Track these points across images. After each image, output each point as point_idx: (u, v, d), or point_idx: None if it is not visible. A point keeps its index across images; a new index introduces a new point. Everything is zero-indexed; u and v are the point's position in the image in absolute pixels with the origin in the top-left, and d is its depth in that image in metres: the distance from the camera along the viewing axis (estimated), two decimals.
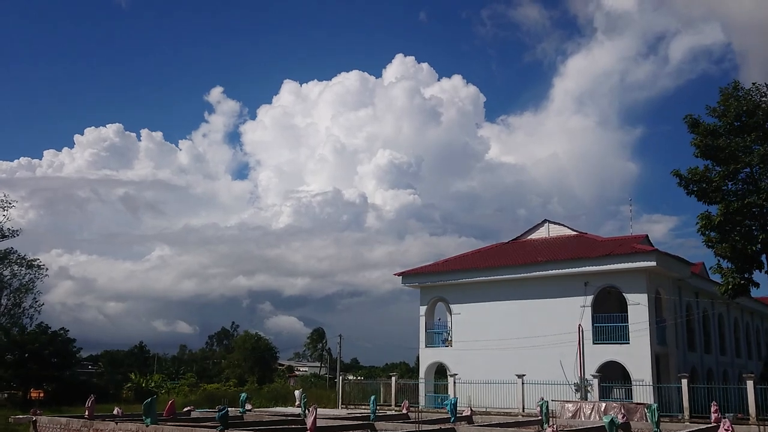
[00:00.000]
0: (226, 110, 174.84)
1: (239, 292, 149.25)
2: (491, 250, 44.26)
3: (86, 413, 25.80)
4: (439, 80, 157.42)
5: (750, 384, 29.87)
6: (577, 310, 35.87)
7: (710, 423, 24.60)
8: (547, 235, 42.55)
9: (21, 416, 29.11)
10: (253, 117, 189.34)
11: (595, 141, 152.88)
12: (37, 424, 26.84)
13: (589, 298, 35.90)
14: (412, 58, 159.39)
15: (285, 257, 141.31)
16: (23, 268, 61.91)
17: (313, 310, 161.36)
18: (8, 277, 61.29)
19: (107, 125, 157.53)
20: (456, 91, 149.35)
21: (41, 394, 54.53)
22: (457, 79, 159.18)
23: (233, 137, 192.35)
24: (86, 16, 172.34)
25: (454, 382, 37.37)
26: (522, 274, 37.96)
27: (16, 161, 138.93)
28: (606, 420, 19.19)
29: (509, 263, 39.03)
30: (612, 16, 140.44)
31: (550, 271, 36.91)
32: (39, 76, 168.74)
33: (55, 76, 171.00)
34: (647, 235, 40.28)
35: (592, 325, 35.55)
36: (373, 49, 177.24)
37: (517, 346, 36.08)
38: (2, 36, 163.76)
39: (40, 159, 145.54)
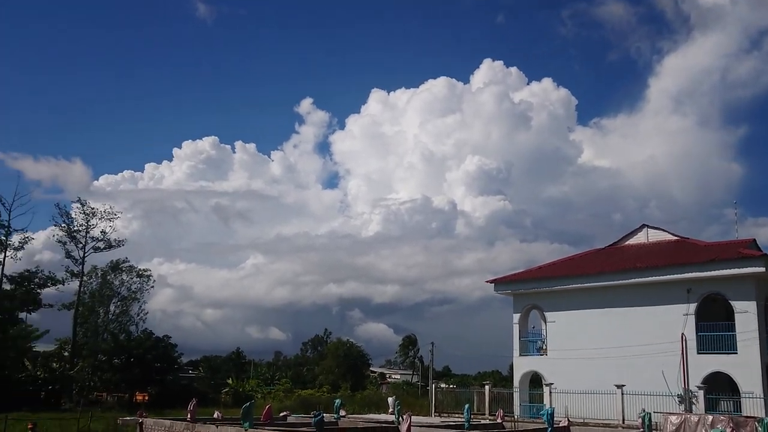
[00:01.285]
0: (316, 121, 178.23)
1: (330, 300, 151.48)
2: (587, 256, 43.08)
3: (188, 416, 26.69)
4: (528, 84, 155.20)
5: None
6: (680, 318, 34.35)
7: None
8: (645, 241, 41.02)
9: (128, 418, 30.46)
10: (342, 127, 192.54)
11: (696, 142, 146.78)
12: (143, 426, 27.99)
13: (693, 306, 34.33)
14: (501, 62, 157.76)
15: (374, 265, 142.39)
16: (133, 277, 64.87)
17: (402, 317, 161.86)
18: (118, 285, 64.34)
19: (203, 138, 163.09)
20: (546, 95, 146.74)
21: (146, 397, 56.94)
22: (547, 83, 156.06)
23: (323, 147, 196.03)
24: (176, 36, 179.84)
25: (550, 392, 36.48)
26: (620, 281, 36.69)
27: (120, 174, 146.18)
28: None
29: (607, 270, 37.83)
30: (705, 11, 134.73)
31: (651, 278, 35.54)
32: (140, 94, 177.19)
33: (153, 93, 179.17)
34: (755, 239, 38.25)
35: (696, 333, 33.96)
36: (460, 54, 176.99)
37: (615, 356, 34.89)
38: (107, 56, 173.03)
39: (142, 172, 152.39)
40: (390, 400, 39.19)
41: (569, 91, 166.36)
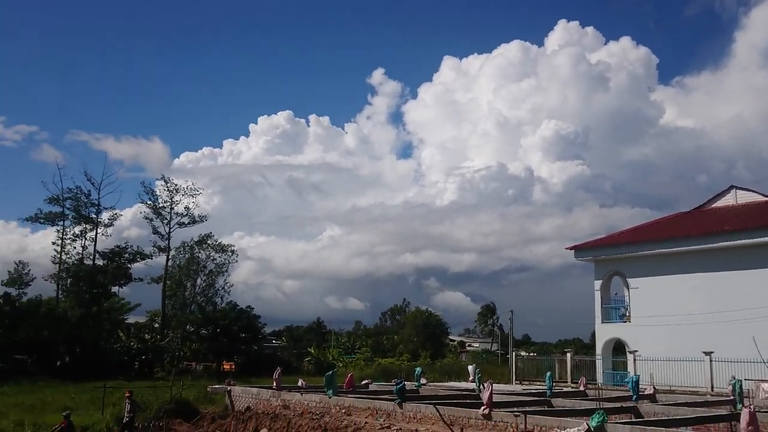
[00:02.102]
0: (388, 91, 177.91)
1: (406, 269, 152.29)
2: (672, 220, 41.73)
3: (274, 384, 27.51)
4: (606, 44, 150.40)
5: None
6: None
7: None
8: (734, 203, 39.37)
9: (217, 386, 31.61)
10: (415, 96, 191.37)
11: None
12: (232, 394, 29.02)
13: None
14: (576, 23, 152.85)
15: (450, 234, 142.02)
16: (217, 251, 66.90)
17: (479, 285, 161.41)
18: (204, 259, 66.52)
19: (278, 113, 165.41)
20: (625, 55, 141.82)
21: (233, 366, 58.95)
22: (625, 42, 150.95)
23: (396, 117, 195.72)
24: (249, 13, 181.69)
25: (634, 359, 35.76)
26: (708, 245, 35.42)
27: (199, 151, 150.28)
28: None
29: (693, 233, 36.54)
30: None
31: (740, 241, 34.15)
32: (217, 72, 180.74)
33: (228, 70, 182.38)
34: None
35: None
36: (533, 17, 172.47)
37: (702, 322, 33.87)
38: (186, 37, 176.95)
39: (221, 148, 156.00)
40: (470, 368, 39.27)
41: (649, 50, 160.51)
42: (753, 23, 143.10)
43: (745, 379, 26.57)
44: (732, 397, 22.91)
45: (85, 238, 60.26)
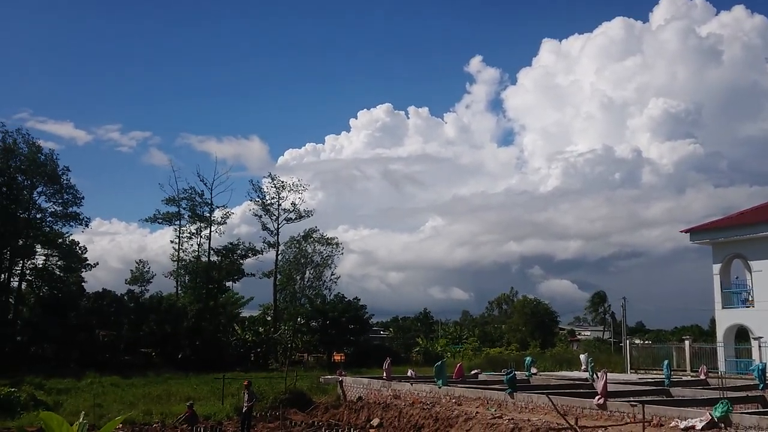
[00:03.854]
0: (487, 78, 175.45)
1: (511, 258, 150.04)
2: None
3: (384, 374, 27.90)
4: (717, 15, 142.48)
5: None
6: None
7: None
8: None
9: (329, 377, 32.43)
10: (514, 82, 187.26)
11: None
12: (343, 384, 29.67)
13: None
14: None
15: (555, 220, 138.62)
16: (323, 245, 68.52)
17: (587, 272, 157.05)
18: (311, 253, 68.26)
19: (378, 106, 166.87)
20: (739, 25, 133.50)
21: (343, 357, 60.22)
22: (738, 11, 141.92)
23: (495, 104, 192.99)
24: (342, 7, 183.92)
25: (759, 346, 33.82)
26: None
27: (303, 148, 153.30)
28: None
29: None
30: None
31: None
32: (316, 68, 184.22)
33: (328, 66, 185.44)
34: None
35: None
36: None
37: None
38: (284, 35, 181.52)
39: (323, 144, 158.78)
40: (582, 357, 38.40)
41: (765, 18, 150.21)
42: None
43: None
44: None
45: (200, 236, 63.12)
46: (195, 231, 63.25)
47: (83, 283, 57.36)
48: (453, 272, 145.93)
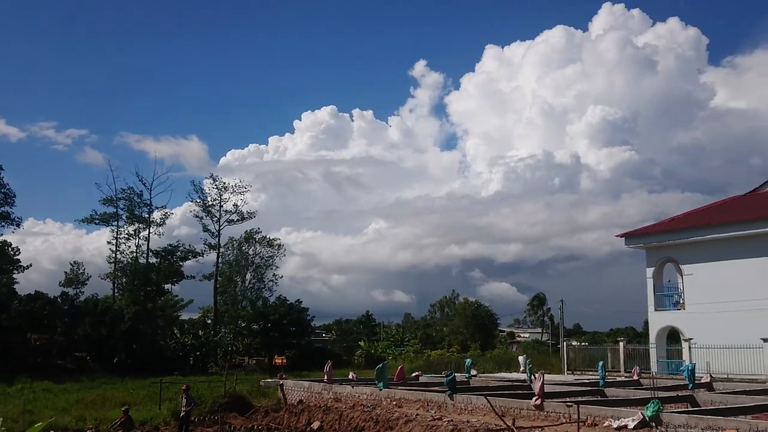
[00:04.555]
0: (431, 83, 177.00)
1: (452, 261, 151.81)
2: (725, 204, 40.69)
3: (325, 377, 27.81)
4: (653, 26, 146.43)
5: None
6: None
7: None
8: None
9: (270, 380, 32.12)
10: (457, 87, 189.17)
11: None
12: (284, 387, 29.45)
13: None
14: (621, 5, 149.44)
15: (495, 224, 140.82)
16: (265, 247, 67.84)
17: (526, 276, 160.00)
18: (253, 255, 67.53)
19: (322, 108, 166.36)
20: (673, 36, 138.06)
21: (284, 360, 59.74)
22: (673, 22, 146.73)
23: (439, 109, 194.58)
24: (287, 8, 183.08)
25: (689, 347, 35.03)
26: (763, 229, 34.44)
27: (245, 149, 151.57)
28: None
29: (749, 217, 35.56)
30: None
31: None
32: (260, 69, 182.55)
33: (273, 67, 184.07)
34: None
35: None
36: (577, 1, 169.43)
37: (760, 308, 32.95)
38: (227, 34, 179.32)
39: (266, 145, 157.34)
40: (521, 359, 39.08)
41: (698, 30, 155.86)
42: None
43: None
44: None
45: (139, 237, 61.84)
46: (133, 232, 61.94)
47: (15, 285, 55.48)
48: (395, 275, 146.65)
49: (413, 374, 33.88)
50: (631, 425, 16.06)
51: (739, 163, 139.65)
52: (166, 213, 63.84)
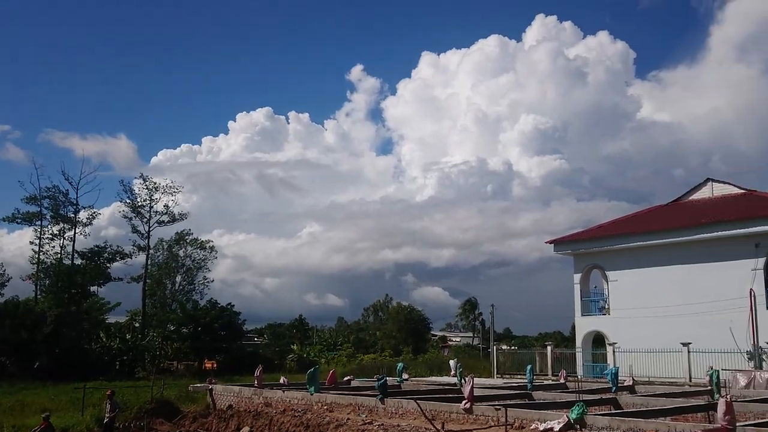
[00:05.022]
0: (367, 88, 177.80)
1: (386, 265, 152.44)
2: (649, 213, 42.18)
3: (255, 382, 27.46)
4: (584, 38, 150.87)
5: None
6: (748, 273, 33.44)
7: None
8: (710, 195, 39.87)
9: (199, 385, 31.50)
10: (394, 92, 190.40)
11: (761, 91, 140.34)
12: (213, 392, 28.94)
13: (761, 261, 33.37)
14: (554, 17, 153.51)
15: (429, 229, 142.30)
16: (196, 249, 66.54)
17: (459, 280, 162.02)
18: (183, 257, 66.14)
19: (258, 110, 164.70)
20: (603, 49, 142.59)
21: (214, 365, 58.73)
22: (603, 36, 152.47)
23: (375, 114, 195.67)
24: (228, 9, 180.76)
25: (614, 351, 36.13)
26: (685, 237, 35.85)
27: (178, 149, 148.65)
28: None
29: (670, 226, 36.96)
30: None
31: (717, 233, 34.56)
32: (195, 69, 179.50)
33: (207, 66, 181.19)
34: None
35: (766, 289, 33.04)
36: (511, 11, 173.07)
37: (681, 313, 34.28)
38: (164, 39, 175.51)
39: (200, 145, 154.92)
40: (452, 362, 39.46)
41: (626, 44, 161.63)
42: (728, 17, 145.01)
43: (722, 369, 26.90)
44: (709, 388, 23.24)
45: (63, 238, 59.83)
46: (58, 232, 59.89)
47: None
48: (329, 279, 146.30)
49: (345, 378, 33.81)
50: (556, 428, 16.42)
51: (662, 173, 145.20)
52: (94, 213, 62.08)
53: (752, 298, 33.12)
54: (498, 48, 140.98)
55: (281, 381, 29.51)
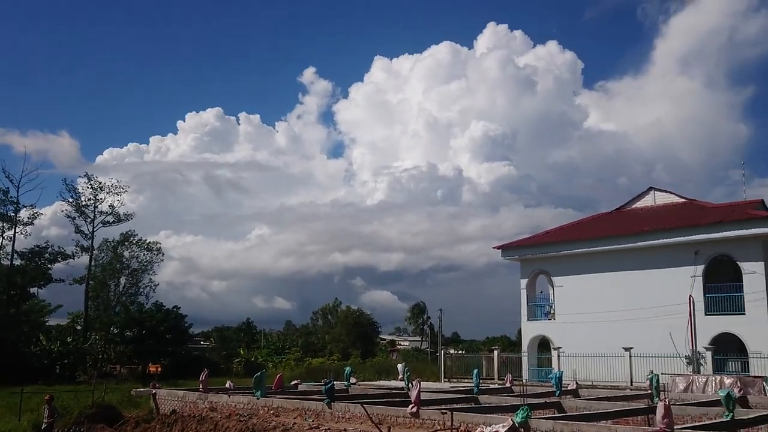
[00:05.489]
0: (320, 90, 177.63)
1: (336, 269, 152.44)
2: (594, 220, 43.07)
3: (200, 387, 27.03)
4: (533, 48, 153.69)
5: None
6: (687, 280, 34.44)
7: None
8: (653, 204, 40.95)
9: (142, 389, 30.84)
10: (346, 96, 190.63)
11: (703, 103, 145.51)
12: (157, 397, 28.37)
13: (700, 268, 34.39)
14: (505, 26, 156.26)
15: (379, 233, 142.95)
16: (142, 250, 65.23)
17: (408, 285, 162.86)
18: (128, 258, 64.76)
19: (207, 110, 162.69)
20: (552, 59, 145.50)
21: (158, 369, 57.63)
22: (552, 46, 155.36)
23: (327, 117, 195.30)
24: (181, 6, 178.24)
25: (558, 356, 36.75)
26: (628, 245, 36.73)
27: (125, 148, 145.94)
28: (722, 394, 18.31)
29: (614, 233, 37.83)
30: None
31: (658, 241, 35.54)
32: (141, 67, 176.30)
33: (156, 66, 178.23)
34: (763, 201, 38.04)
35: (704, 295, 34.09)
36: (463, 19, 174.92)
37: (623, 319, 35.06)
38: (113, 34, 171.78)
39: (148, 145, 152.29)
40: (399, 366, 39.59)
41: (575, 54, 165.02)
42: (671, 31, 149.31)
43: (662, 374, 27.63)
44: (649, 391, 23.82)
45: (3, 237, 57.96)
46: None
47: None
48: (278, 281, 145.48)
49: (293, 382, 33.56)
50: (501, 431, 16.61)
51: (607, 181, 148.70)
52: (35, 212, 60.24)
53: (691, 304, 34.12)
54: (450, 54, 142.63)
55: (227, 385, 29.11)
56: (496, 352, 40.96)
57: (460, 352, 60.14)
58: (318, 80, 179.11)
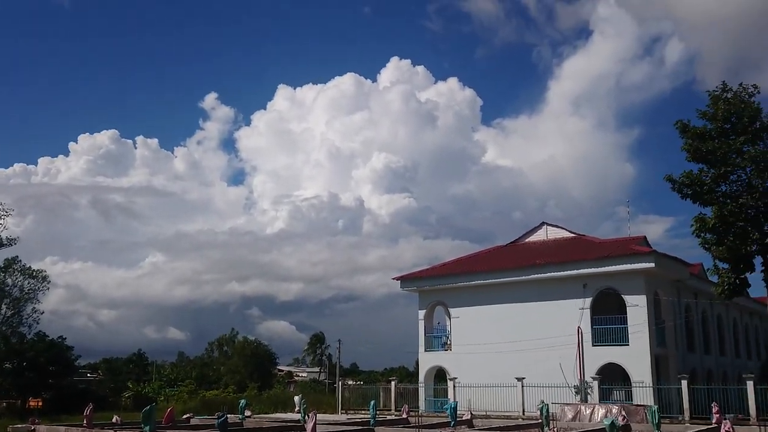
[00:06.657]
0: (221, 116, 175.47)
1: (233, 298, 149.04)
2: (490, 253, 44.25)
3: (85, 422, 25.71)
4: (435, 83, 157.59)
5: (750, 384, 29.84)
6: (576, 312, 35.85)
7: (711, 424, 24.59)
8: (545, 238, 42.54)
9: (19, 425, 28.96)
10: (248, 123, 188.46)
11: (593, 143, 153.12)
12: None
13: (588, 300, 35.90)
14: (408, 61, 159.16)
15: (278, 262, 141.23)
16: (26, 278, 61.73)
17: (307, 315, 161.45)
18: (9, 286, 61.11)
19: (102, 132, 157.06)
20: (452, 95, 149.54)
21: (40, 403, 54.36)
22: (453, 82, 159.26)
23: (228, 144, 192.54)
24: (80, 24, 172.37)
25: (454, 386, 37.30)
26: (521, 277, 37.94)
27: (10, 168, 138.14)
28: (606, 422, 19.14)
29: (508, 266, 39.00)
30: (602, 17, 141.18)
31: (549, 274, 36.89)
32: (33, 84, 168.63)
33: (49, 84, 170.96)
34: (645, 237, 40.27)
35: (591, 327, 35.54)
36: (368, 52, 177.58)
37: (516, 349, 36.00)
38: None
39: (36, 166, 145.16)
40: (296, 398, 39.10)
41: (474, 92, 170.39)
42: (564, 74, 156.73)
43: (552, 403, 28.49)
44: (540, 420, 24.53)
45: None
46: None
47: None
48: (171, 311, 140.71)
49: (184, 416, 32.49)
50: None
51: (503, 215, 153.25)
52: None
53: (579, 335, 35.51)
54: (353, 86, 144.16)
55: (113, 420, 27.81)
56: (393, 383, 41.11)
57: (358, 383, 59.98)
58: (220, 106, 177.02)
